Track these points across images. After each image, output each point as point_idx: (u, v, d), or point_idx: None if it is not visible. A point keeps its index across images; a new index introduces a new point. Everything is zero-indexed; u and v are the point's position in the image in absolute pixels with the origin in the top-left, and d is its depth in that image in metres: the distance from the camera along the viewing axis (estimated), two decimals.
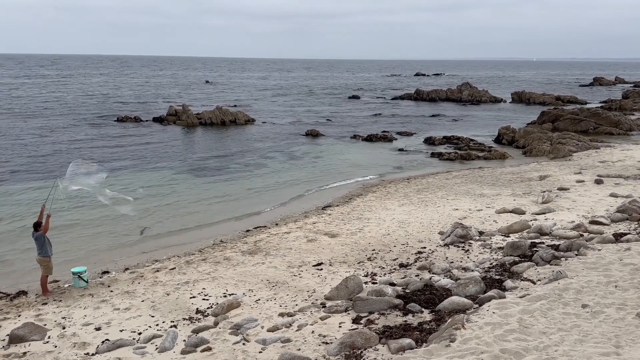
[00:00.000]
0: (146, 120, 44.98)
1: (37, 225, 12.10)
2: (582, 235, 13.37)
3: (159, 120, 45.25)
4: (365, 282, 11.18)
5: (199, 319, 10.18)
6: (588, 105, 56.11)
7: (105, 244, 15.94)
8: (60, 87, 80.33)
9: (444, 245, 14.01)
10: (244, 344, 8.75)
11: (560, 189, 20.21)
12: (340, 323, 9.07)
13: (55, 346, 9.30)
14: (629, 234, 12.76)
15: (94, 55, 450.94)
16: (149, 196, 21.24)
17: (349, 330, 8.62)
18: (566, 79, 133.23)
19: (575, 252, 11.27)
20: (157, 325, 9.99)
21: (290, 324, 9.28)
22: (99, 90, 75.65)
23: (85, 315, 10.57)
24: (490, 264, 11.76)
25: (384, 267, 12.56)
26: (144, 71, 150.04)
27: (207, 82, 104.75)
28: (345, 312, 9.56)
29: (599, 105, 58.15)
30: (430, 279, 10.89)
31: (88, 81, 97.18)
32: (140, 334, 9.63)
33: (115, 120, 44.41)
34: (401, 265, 12.58)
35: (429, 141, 35.95)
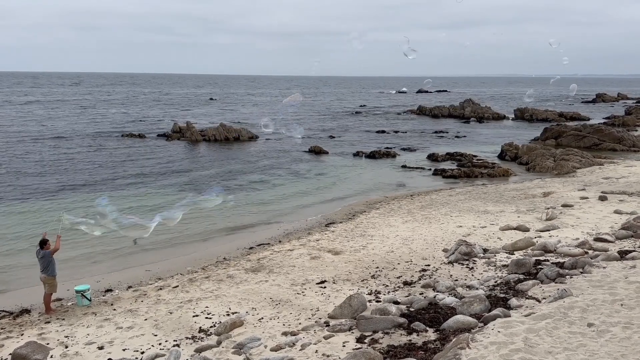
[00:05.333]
0: (150, 137, 45.24)
1: (42, 243, 12.11)
2: (586, 253, 13.29)
3: (163, 136, 45.52)
4: (369, 301, 11.12)
5: (202, 338, 10.13)
6: (591, 122, 56.17)
7: (108, 262, 15.94)
8: (67, 105, 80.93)
9: (448, 262, 13.95)
10: None
11: (564, 205, 20.14)
12: (344, 342, 9.00)
13: None
14: (634, 251, 12.68)
15: (108, 73, 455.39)
16: (152, 212, 21.25)
17: (353, 349, 8.54)
18: (568, 95, 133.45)
19: (580, 270, 11.20)
20: (159, 344, 9.95)
21: (293, 343, 9.21)
22: (106, 109, 76.17)
23: (88, 334, 10.53)
24: (495, 282, 11.69)
25: (387, 285, 12.50)
26: (153, 89, 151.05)
27: (211, 99, 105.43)
28: (349, 331, 9.50)
29: (602, 121, 58.20)
30: (435, 297, 10.82)
31: (95, 98, 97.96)
32: (143, 353, 9.59)
33: (119, 137, 44.69)
34: (405, 283, 12.52)
35: (432, 157, 36.00)
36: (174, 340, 10.05)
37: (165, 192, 25.35)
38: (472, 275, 12.71)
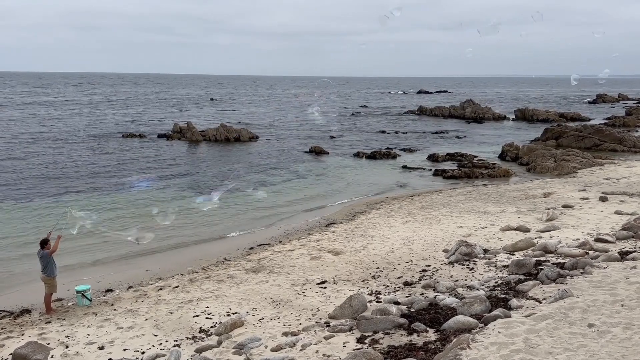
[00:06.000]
0: (151, 138, 45.25)
1: (43, 243, 12.12)
2: (587, 253, 13.28)
3: (163, 137, 45.53)
4: (370, 301, 11.12)
5: (202, 338, 10.14)
6: (591, 122, 56.14)
7: (109, 262, 15.94)
8: (68, 106, 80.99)
9: (449, 263, 13.95)
10: None
11: (565, 206, 20.13)
12: (344, 343, 9.00)
13: None
14: (634, 251, 12.68)
15: (110, 73, 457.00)
16: (149, 213, 21.29)
17: (354, 350, 8.54)
18: (569, 96, 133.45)
19: (581, 271, 11.20)
20: (160, 344, 9.95)
21: (294, 344, 9.22)
22: (107, 109, 76.20)
23: (88, 334, 10.54)
24: (496, 282, 11.69)
25: (388, 286, 12.50)
26: (155, 89, 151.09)
27: (211, 99, 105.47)
28: (350, 331, 9.50)
29: (603, 122, 58.15)
30: (435, 297, 10.81)
31: (98, 98, 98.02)
32: (143, 353, 9.59)
33: (120, 137, 44.70)
34: (405, 284, 12.52)
35: (433, 158, 35.98)
36: (175, 341, 10.05)
37: (166, 192, 25.35)
38: (473, 275, 12.71)
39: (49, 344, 10.09)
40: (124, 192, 25.00)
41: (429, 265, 13.91)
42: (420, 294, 11.48)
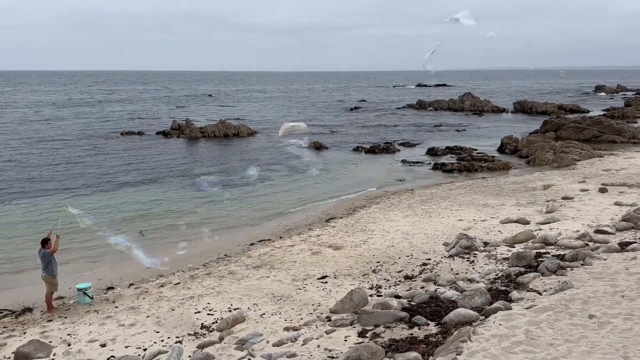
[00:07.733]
0: (150, 135, 45.20)
1: (44, 242, 12.14)
2: (587, 245, 13.30)
3: (162, 134, 45.46)
4: (370, 295, 11.14)
5: (204, 334, 10.17)
6: (590, 114, 56.07)
7: (110, 260, 15.93)
8: (67, 105, 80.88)
9: (449, 256, 13.97)
10: (249, 359, 8.72)
11: (565, 198, 20.15)
12: (345, 337, 9.02)
13: None
14: (634, 242, 12.69)
15: (109, 71, 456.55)
16: (151, 211, 21.29)
17: (355, 344, 8.57)
18: (568, 88, 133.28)
19: (581, 262, 11.22)
20: (162, 341, 9.98)
21: (295, 339, 9.25)
22: (106, 107, 76.09)
23: (90, 332, 10.56)
24: (496, 274, 11.71)
25: (388, 280, 12.52)
26: (154, 86, 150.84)
27: (209, 95, 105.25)
28: (351, 325, 9.52)
29: (602, 113, 58.08)
30: (436, 290, 10.84)
31: (99, 97, 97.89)
32: (145, 350, 9.62)
33: (118, 135, 44.64)
34: (406, 277, 12.54)
35: (432, 152, 35.94)
36: (177, 337, 10.08)
37: (166, 191, 25.34)
38: (473, 268, 12.73)
39: (51, 342, 10.11)
40: (123, 192, 25.00)
41: (430, 259, 13.93)
42: (421, 288, 11.50)
